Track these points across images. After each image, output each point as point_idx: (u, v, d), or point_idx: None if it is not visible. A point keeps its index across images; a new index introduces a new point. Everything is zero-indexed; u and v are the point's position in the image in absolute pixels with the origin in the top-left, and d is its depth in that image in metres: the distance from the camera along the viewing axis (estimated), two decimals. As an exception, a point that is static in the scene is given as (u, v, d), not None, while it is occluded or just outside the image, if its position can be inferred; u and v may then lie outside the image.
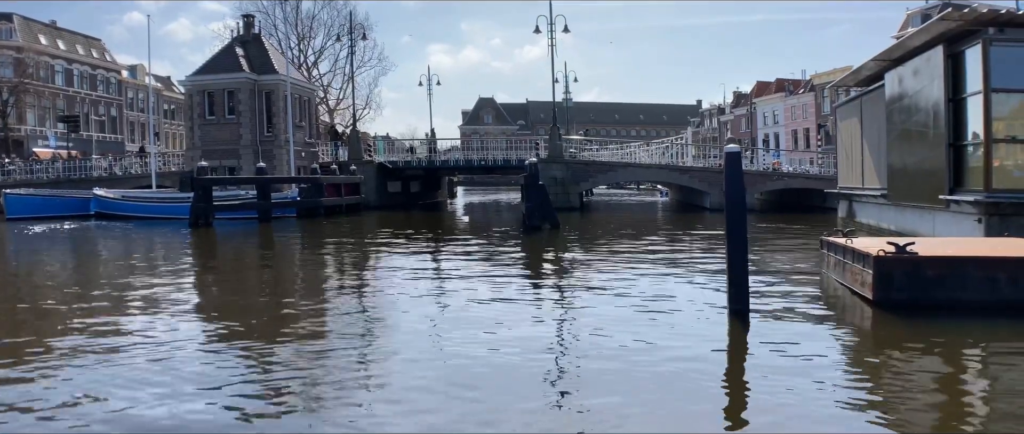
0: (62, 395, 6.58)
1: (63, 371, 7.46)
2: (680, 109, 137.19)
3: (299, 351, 8.38)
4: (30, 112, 64.29)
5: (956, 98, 15.39)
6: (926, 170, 16.59)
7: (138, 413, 6.05)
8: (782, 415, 5.95)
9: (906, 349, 8.12)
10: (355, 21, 55.33)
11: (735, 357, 8.05)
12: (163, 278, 15.05)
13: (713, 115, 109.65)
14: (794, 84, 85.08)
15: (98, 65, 73.43)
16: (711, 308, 10.15)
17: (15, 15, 64.95)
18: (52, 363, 7.78)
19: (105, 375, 7.22)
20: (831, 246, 12.33)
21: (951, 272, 9.56)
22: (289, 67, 44.39)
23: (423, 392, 6.60)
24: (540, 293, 12.93)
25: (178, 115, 78.62)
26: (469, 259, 18.16)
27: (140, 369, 7.40)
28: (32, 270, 18.10)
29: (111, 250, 22.78)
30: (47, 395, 6.60)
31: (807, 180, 38.67)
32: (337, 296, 13.16)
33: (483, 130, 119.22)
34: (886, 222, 19.65)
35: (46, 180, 44.16)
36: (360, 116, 61.86)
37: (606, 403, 6.29)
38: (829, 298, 11.26)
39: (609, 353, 7.93)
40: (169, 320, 10.23)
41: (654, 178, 48.41)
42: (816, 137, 77.21)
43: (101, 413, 6.10)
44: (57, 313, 11.06)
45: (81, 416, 6.05)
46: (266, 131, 44.35)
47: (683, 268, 15.51)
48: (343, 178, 41.08)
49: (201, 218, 29.98)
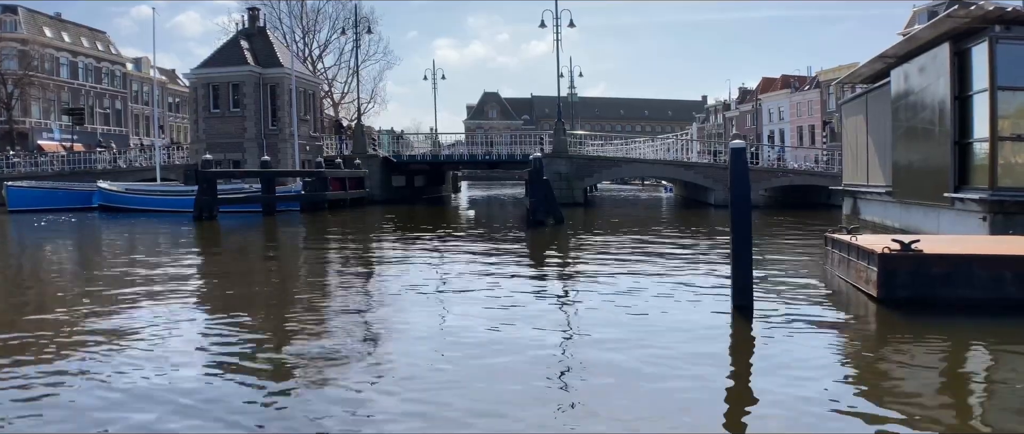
0: (65, 389, 6.60)
1: (65, 363, 7.47)
2: (685, 105, 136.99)
3: (301, 346, 8.38)
4: (35, 105, 64.35)
5: (962, 96, 15.32)
6: (931, 168, 16.53)
7: (138, 407, 6.06)
8: (785, 413, 5.93)
9: (910, 347, 8.11)
10: (360, 15, 55.45)
11: (738, 353, 8.04)
12: (165, 271, 15.06)
13: (718, 111, 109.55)
14: (800, 80, 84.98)
15: (103, 58, 73.48)
16: (715, 304, 10.15)
17: (20, 7, 65.00)
18: (54, 354, 7.79)
19: (105, 369, 7.23)
20: (835, 243, 12.30)
21: (956, 270, 9.54)
22: (294, 61, 44.41)
23: (426, 388, 6.60)
24: (543, 288, 12.92)
25: (183, 108, 78.66)
26: (473, 254, 18.15)
27: (140, 363, 7.41)
28: (35, 262, 18.14)
29: (113, 243, 22.82)
30: (50, 388, 6.62)
31: (812, 177, 38.57)
32: (340, 291, 13.17)
33: (488, 125, 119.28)
34: (890, 220, 19.59)
35: (50, 173, 44.25)
36: (365, 110, 61.92)
37: (609, 399, 6.29)
38: (833, 295, 11.23)
39: (612, 348, 7.92)
40: (170, 313, 10.23)
41: (659, 174, 48.33)
42: (821, 134, 77.07)
43: (101, 411, 6.11)
44: (59, 304, 11.08)
45: (82, 409, 6.06)
46: (271, 125, 44.36)
47: (687, 264, 15.50)
48: (347, 172, 41.09)
49: (205, 211, 30.01)
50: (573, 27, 44.66)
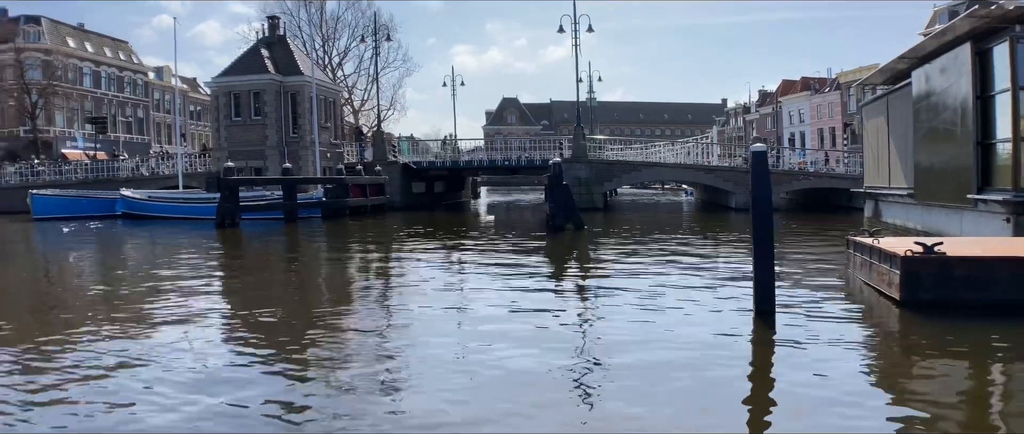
0: (89, 391, 6.69)
1: (91, 368, 7.57)
2: (705, 108, 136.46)
3: (323, 351, 8.45)
4: (59, 114, 65.20)
5: (984, 96, 15.23)
6: (954, 169, 16.43)
7: (159, 414, 6.13)
8: (807, 417, 5.93)
9: (933, 350, 8.06)
10: (379, 22, 55.73)
11: (760, 358, 8.02)
12: (189, 279, 15.18)
13: (738, 114, 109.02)
14: (820, 83, 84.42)
15: (125, 67, 74.26)
16: (736, 308, 10.13)
17: (43, 18, 65.87)
18: (81, 358, 7.90)
19: (127, 375, 7.31)
20: (857, 246, 12.24)
21: (979, 272, 9.47)
22: (314, 68, 44.66)
23: (446, 393, 6.64)
24: (564, 293, 12.94)
25: (204, 116, 79.36)
26: (493, 260, 18.18)
27: (164, 370, 7.50)
28: (61, 269, 18.34)
29: (138, 250, 23.03)
30: (74, 391, 6.72)
31: (833, 179, 38.36)
32: (361, 297, 13.24)
33: (507, 130, 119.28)
34: (913, 222, 19.47)
35: (74, 181, 44.76)
36: (384, 117, 62.19)
37: (630, 403, 6.30)
38: (855, 299, 11.18)
39: (633, 353, 7.94)
40: (195, 319, 10.34)
41: (679, 178, 48.20)
42: (842, 136, 76.56)
43: (123, 413, 6.19)
44: (87, 309, 11.21)
45: (106, 413, 6.15)
46: (292, 132, 44.63)
47: (708, 268, 15.46)
48: (368, 179, 41.25)
49: (227, 218, 30.23)
50: (591, 32, 44.68)
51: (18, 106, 61.23)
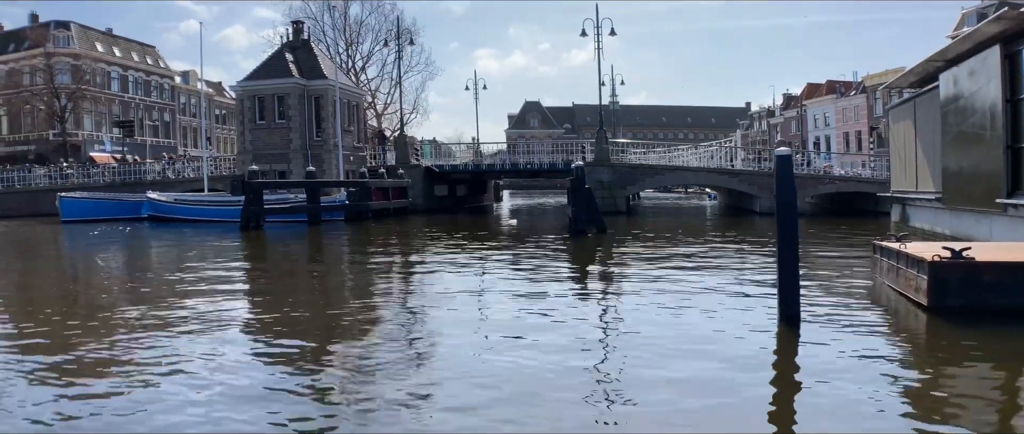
0: (119, 389, 6.75)
1: (124, 370, 7.64)
2: (728, 112, 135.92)
3: (346, 353, 8.50)
4: (87, 117, 66.07)
5: (1014, 99, 15.04)
6: (982, 173, 16.23)
7: (180, 417, 6.17)
8: (832, 423, 5.87)
9: (962, 357, 7.96)
10: (402, 26, 56.00)
11: (785, 363, 7.94)
12: (216, 282, 15.29)
13: (762, 117, 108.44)
14: (845, 86, 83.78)
15: (152, 71, 75.11)
16: (761, 313, 10.05)
17: (73, 23, 66.82)
18: (109, 359, 7.97)
19: (155, 374, 7.37)
20: (884, 251, 12.12)
21: (1009, 278, 9.34)
22: (338, 72, 44.97)
23: (468, 392, 6.64)
24: (587, 297, 12.91)
25: (229, 120, 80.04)
26: (516, 263, 18.19)
27: (186, 372, 7.55)
28: (90, 270, 18.54)
29: (165, 252, 23.24)
30: (106, 393, 6.78)
31: (859, 184, 38.05)
32: (384, 300, 13.27)
33: (529, 134, 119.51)
34: (940, 226, 19.26)
35: (102, 184, 45.28)
36: (407, 120, 62.36)
37: (653, 407, 6.27)
38: (882, 304, 11.06)
39: (657, 355, 7.91)
40: (222, 321, 10.40)
41: (702, 181, 48.06)
42: (868, 140, 75.93)
43: (147, 417, 6.24)
44: (116, 310, 11.31)
45: (132, 415, 6.20)
46: (315, 135, 44.91)
47: (732, 272, 15.37)
48: (391, 182, 41.43)
49: (252, 221, 30.46)
50: (614, 35, 44.57)
51: (48, 110, 62.08)
